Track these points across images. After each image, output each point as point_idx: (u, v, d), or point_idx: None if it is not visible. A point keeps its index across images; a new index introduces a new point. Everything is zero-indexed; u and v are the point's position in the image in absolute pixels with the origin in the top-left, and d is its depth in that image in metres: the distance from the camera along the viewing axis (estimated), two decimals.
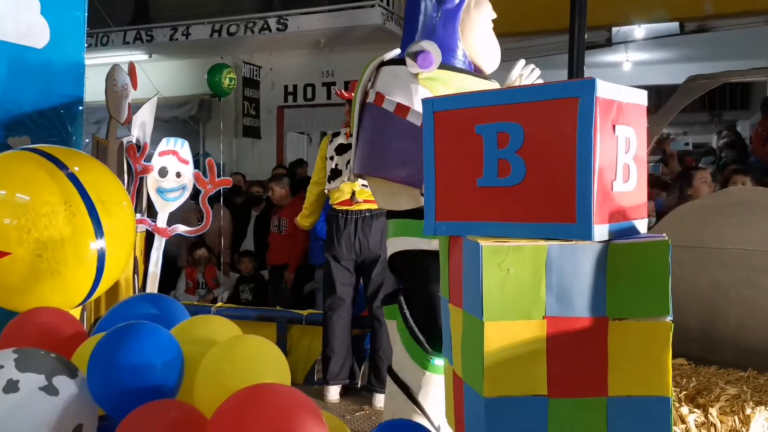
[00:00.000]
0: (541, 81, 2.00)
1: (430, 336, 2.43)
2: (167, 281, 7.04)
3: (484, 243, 1.57)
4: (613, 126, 1.53)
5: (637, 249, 1.56)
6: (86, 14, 4.16)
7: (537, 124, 1.55)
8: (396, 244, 2.54)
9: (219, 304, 4.39)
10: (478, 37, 2.56)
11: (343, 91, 4.48)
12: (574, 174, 1.51)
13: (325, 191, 4.41)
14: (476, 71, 2.58)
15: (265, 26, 8.85)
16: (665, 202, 5.25)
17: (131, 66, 3.57)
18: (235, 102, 9.71)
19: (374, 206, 4.17)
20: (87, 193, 2.64)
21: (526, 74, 2.59)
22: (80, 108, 4.13)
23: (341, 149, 4.30)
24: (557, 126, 1.52)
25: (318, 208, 4.68)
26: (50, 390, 1.91)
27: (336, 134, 4.42)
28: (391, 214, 2.58)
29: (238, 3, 9.17)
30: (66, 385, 1.96)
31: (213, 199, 7.33)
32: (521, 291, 1.56)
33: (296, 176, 7.72)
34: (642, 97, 1.64)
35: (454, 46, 2.53)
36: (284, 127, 10.19)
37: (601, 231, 1.53)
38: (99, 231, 2.59)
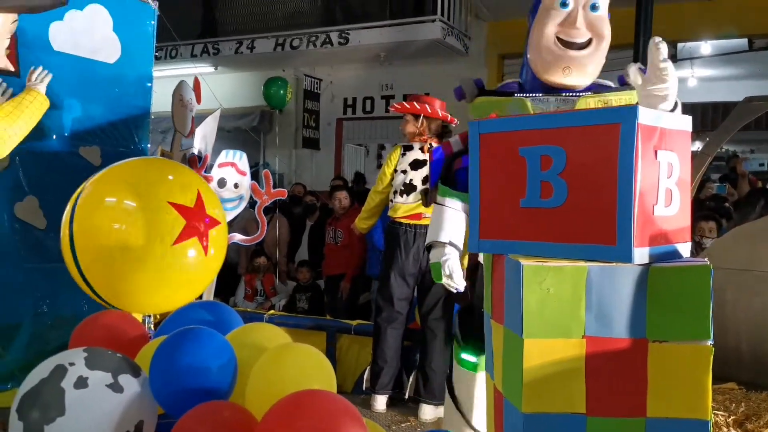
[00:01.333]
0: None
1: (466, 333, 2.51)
2: (227, 288, 7.24)
3: (526, 262, 1.61)
4: (655, 151, 1.55)
5: (679, 273, 1.58)
6: (155, 30, 4.37)
7: (579, 149, 1.59)
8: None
9: (271, 312, 4.50)
10: (530, 51, 2.49)
11: (397, 105, 4.51)
12: (615, 197, 1.55)
13: (391, 202, 4.44)
14: (544, 85, 2.43)
15: (327, 40, 9.04)
16: (733, 222, 5.11)
17: (196, 81, 3.74)
18: (295, 114, 9.94)
19: None
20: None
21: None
22: (148, 119, 4.34)
23: (416, 164, 4.30)
24: (599, 151, 1.56)
25: (377, 213, 4.71)
26: (116, 387, 2.04)
27: (408, 147, 4.39)
28: None
29: (301, 17, 9.39)
30: (130, 384, 2.09)
31: (271, 209, 7.52)
32: (561, 310, 1.60)
33: (355, 189, 7.82)
34: (686, 123, 1.66)
35: (523, 65, 2.47)
36: (342, 139, 10.36)
37: (641, 254, 1.56)
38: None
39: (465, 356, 2.55)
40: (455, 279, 2.37)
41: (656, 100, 1.76)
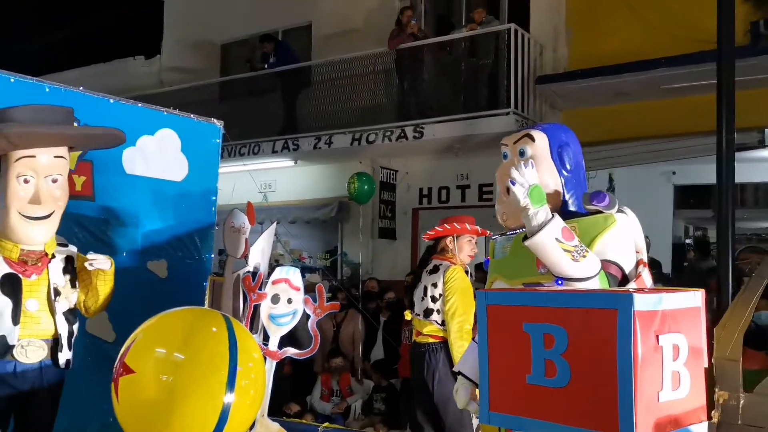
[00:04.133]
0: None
1: None
2: (303, 386, 7.25)
3: None
4: (657, 336, 1.49)
5: None
6: (220, 149, 4.62)
7: (580, 330, 1.57)
8: None
9: (326, 424, 4.47)
10: None
11: (430, 231, 4.55)
12: (616, 385, 1.48)
13: None
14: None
15: (402, 134, 9.23)
16: None
17: (249, 205, 3.91)
18: (372, 204, 10.11)
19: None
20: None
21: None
22: (212, 231, 4.53)
23: None
24: (598, 335, 1.53)
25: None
26: None
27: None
28: None
29: (376, 113, 9.68)
30: None
31: (346, 305, 7.52)
32: None
33: None
34: (695, 299, 1.59)
35: None
36: (419, 229, 10.41)
37: None
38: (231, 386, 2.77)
39: None
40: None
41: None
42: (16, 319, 2.90)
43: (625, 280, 2.18)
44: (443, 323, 4.29)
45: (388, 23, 9.91)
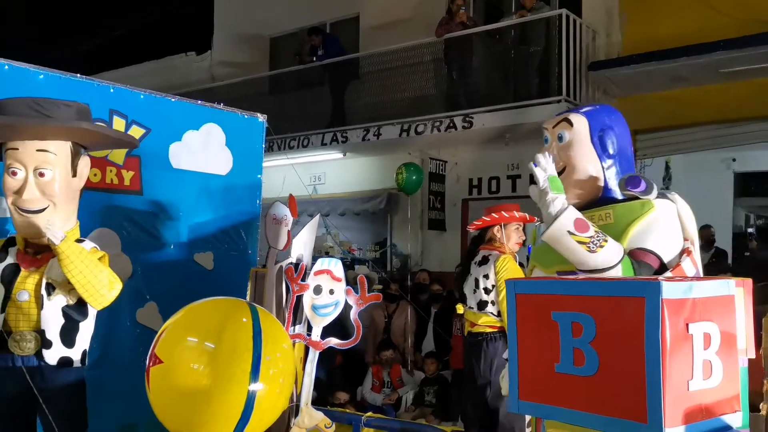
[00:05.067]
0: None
1: None
2: (354, 376, 7.30)
3: None
4: (687, 324, 1.45)
5: None
6: (264, 142, 4.67)
7: (608, 319, 1.54)
8: None
9: (369, 414, 4.49)
10: None
11: (477, 222, 4.48)
12: (644, 374, 1.44)
13: None
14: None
15: (451, 125, 9.15)
16: None
17: (291, 198, 3.94)
18: (421, 196, 10.07)
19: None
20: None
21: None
22: (257, 223, 4.59)
23: None
24: (626, 323, 1.50)
25: None
26: None
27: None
28: None
29: (425, 104, 9.62)
30: None
31: (398, 297, 7.53)
32: None
33: None
34: (727, 288, 1.53)
35: None
36: (468, 220, 10.32)
37: None
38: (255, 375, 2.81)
39: None
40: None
41: None
42: (3, 307, 2.89)
43: (663, 269, 2.11)
44: (499, 314, 4.24)
45: (436, 12, 9.83)
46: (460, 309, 4.51)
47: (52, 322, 2.94)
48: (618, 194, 2.33)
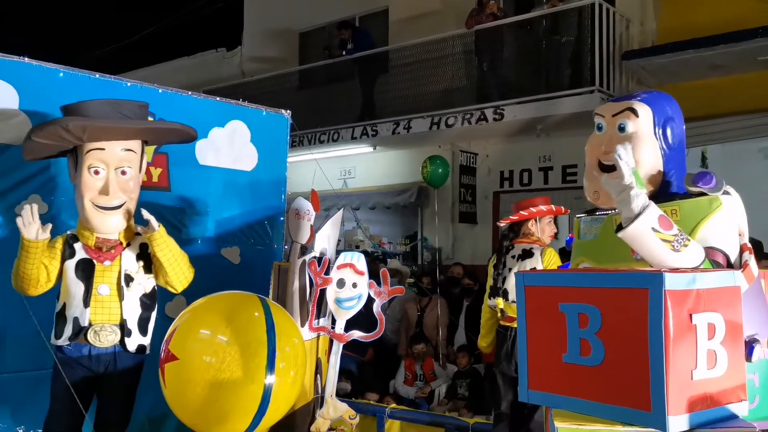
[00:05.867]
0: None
1: None
2: (387, 370, 7.32)
3: (561, 424, 1.56)
4: (690, 315, 1.45)
5: None
6: (289, 138, 4.71)
7: (613, 310, 1.56)
8: None
9: (393, 406, 4.52)
10: None
11: (514, 216, 4.45)
12: (648, 364, 1.45)
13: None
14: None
15: (482, 117, 9.09)
16: None
17: (313, 193, 3.98)
18: (451, 189, 10.04)
19: None
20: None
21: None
22: (282, 218, 4.64)
23: None
24: (631, 314, 1.51)
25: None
26: None
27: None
28: None
29: (455, 96, 9.57)
30: None
31: (430, 290, 7.54)
32: None
33: None
34: (732, 279, 1.51)
35: None
36: (500, 213, 10.25)
37: (677, 422, 1.49)
38: (271, 369, 2.86)
39: None
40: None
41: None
42: (87, 302, 3.08)
43: (729, 267, 1.97)
44: None
45: (466, 4, 9.76)
46: (500, 303, 4.40)
47: (132, 312, 3.18)
48: (677, 188, 2.21)
